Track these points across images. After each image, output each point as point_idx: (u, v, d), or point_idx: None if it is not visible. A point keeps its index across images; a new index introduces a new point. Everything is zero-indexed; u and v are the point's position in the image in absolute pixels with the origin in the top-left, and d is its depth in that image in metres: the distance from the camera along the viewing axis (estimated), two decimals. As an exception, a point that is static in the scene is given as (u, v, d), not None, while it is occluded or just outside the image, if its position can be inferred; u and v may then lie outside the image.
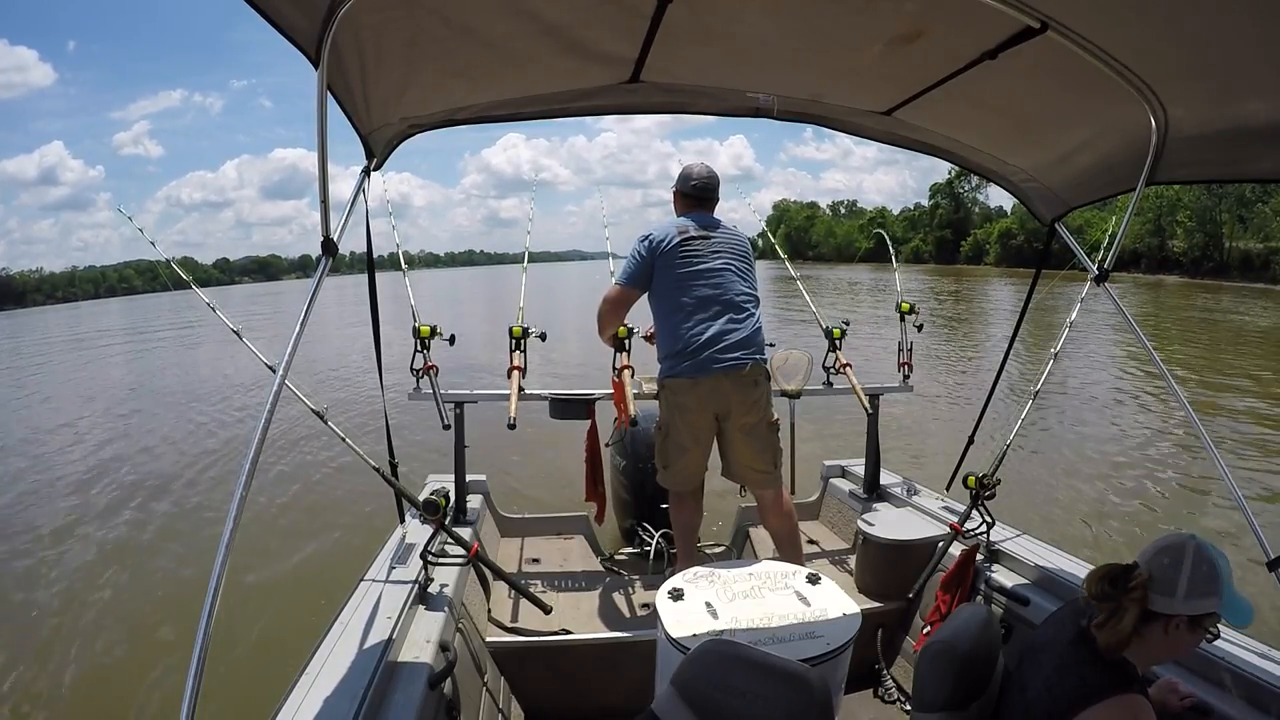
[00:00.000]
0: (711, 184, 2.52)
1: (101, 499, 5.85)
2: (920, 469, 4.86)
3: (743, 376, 2.27)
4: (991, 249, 53.80)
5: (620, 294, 2.41)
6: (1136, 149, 1.62)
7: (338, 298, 29.30)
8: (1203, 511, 4.96)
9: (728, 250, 2.39)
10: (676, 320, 2.31)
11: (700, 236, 2.37)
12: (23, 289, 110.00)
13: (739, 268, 2.39)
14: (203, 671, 0.91)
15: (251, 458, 1.07)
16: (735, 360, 2.26)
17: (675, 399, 2.32)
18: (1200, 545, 1.18)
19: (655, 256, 2.35)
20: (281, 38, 1.12)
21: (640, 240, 2.40)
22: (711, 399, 2.28)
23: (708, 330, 2.27)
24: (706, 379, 2.25)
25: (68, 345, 22.69)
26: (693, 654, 1.06)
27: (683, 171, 2.55)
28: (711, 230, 2.41)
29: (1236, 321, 17.35)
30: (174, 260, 2.61)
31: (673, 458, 2.37)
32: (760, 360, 2.33)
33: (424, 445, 5.11)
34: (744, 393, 2.29)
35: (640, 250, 2.38)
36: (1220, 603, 1.16)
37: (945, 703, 1.27)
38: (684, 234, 2.36)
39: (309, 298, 1.29)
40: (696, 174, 2.51)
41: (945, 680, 1.27)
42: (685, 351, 2.27)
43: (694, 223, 2.41)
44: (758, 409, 2.32)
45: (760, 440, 2.35)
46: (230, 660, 2.98)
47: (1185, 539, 1.19)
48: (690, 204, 2.50)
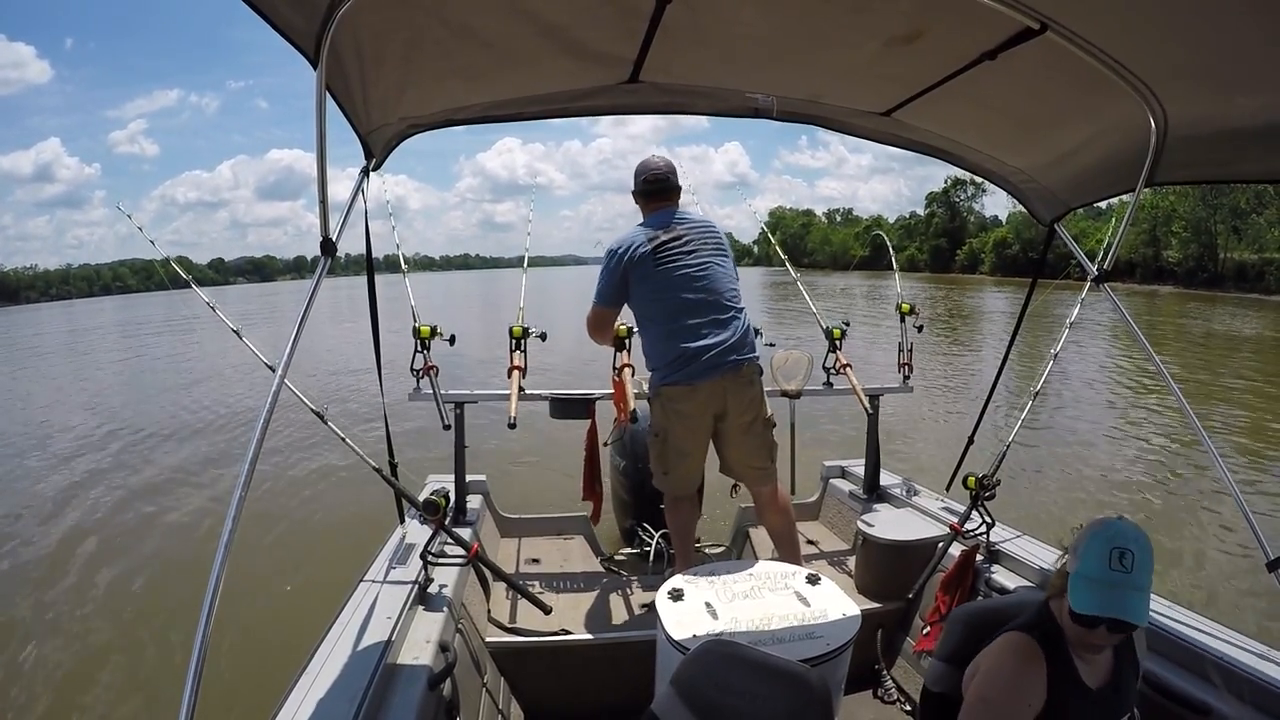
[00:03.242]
0: (667, 176, 2.38)
1: (101, 499, 5.83)
2: (919, 469, 4.87)
3: (739, 377, 2.26)
4: (986, 258, 54.18)
5: (599, 314, 2.37)
6: (1136, 149, 1.62)
7: (332, 299, 29.28)
8: (1202, 511, 4.97)
9: (704, 247, 2.30)
10: (665, 329, 2.26)
11: (673, 239, 2.27)
12: (16, 286, 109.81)
13: (719, 264, 2.31)
14: (202, 671, 0.91)
15: (251, 458, 1.07)
16: (731, 363, 2.24)
17: (673, 406, 2.29)
18: (1114, 525, 1.16)
19: (627, 269, 2.26)
20: (279, 39, 1.12)
21: (607, 255, 2.31)
22: (710, 402, 2.27)
23: (699, 336, 2.22)
24: (705, 384, 2.23)
25: (70, 340, 22.62)
26: (692, 654, 1.06)
27: (636, 170, 2.42)
28: (682, 228, 2.30)
29: (1229, 329, 17.47)
30: (172, 259, 2.61)
31: (673, 463, 2.36)
32: (753, 358, 2.31)
33: (424, 445, 5.10)
34: (741, 392, 2.28)
35: (609, 265, 2.29)
36: (1075, 564, 1.15)
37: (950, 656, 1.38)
38: (654, 240, 2.26)
39: (308, 298, 1.29)
40: (651, 168, 2.37)
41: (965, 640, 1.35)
42: (680, 359, 2.23)
43: (661, 225, 2.30)
44: (754, 407, 2.31)
45: (757, 437, 2.34)
46: (230, 660, 2.97)
47: (1112, 520, 1.18)
48: (652, 202, 2.38)
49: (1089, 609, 1.12)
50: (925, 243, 64.03)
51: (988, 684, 1.23)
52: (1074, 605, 1.14)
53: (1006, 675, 1.21)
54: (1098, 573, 1.12)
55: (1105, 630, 1.13)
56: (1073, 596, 1.14)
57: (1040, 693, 1.18)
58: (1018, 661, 1.21)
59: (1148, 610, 1.12)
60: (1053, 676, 1.19)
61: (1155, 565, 1.13)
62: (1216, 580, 3.98)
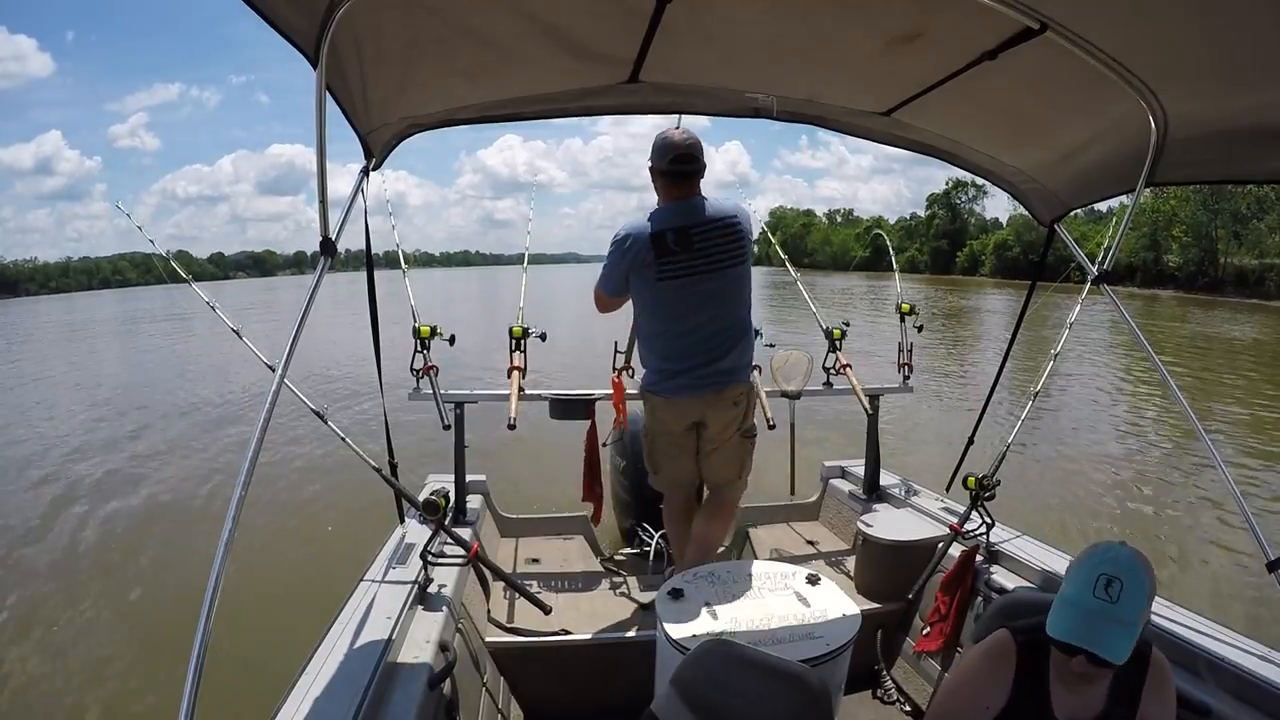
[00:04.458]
0: (695, 156, 2.10)
1: (99, 496, 5.83)
2: (919, 470, 4.87)
3: (720, 398, 2.19)
4: (987, 260, 54.25)
5: (603, 300, 2.27)
6: (1136, 149, 1.62)
7: (331, 294, 29.27)
8: (1202, 511, 4.98)
9: (719, 263, 2.10)
10: (657, 344, 2.21)
11: (681, 250, 2.07)
12: (16, 279, 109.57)
13: (730, 283, 2.13)
14: (202, 671, 0.91)
15: (251, 457, 1.07)
16: (715, 385, 2.17)
17: (654, 413, 2.28)
18: (1110, 550, 1.09)
19: (629, 269, 2.13)
20: (280, 36, 1.12)
21: (613, 243, 2.15)
22: (689, 414, 2.23)
23: (689, 361, 2.15)
24: (683, 400, 2.19)
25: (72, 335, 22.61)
26: (692, 654, 1.06)
27: (657, 142, 2.12)
28: (697, 230, 2.08)
29: (1220, 333, 17.51)
30: (170, 254, 2.61)
31: (661, 464, 2.36)
32: (744, 382, 2.24)
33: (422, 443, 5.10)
34: (721, 411, 2.21)
35: (613, 256, 2.16)
36: (1062, 588, 1.09)
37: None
38: (660, 246, 2.07)
39: (308, 296, 1.29)
40: (676, 145, 2.09)
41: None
42: (663, 371, 2.20)
43: (677, 224, 2.08)
44: (734, 425, 2.25)
45: (730, 451, 2.28)
46: (229, 660, 2.95)
47: (1112, 544, 1.11)
48: (671, 186, 2.13)
49: (1059, 634, 1.05)
50: (926, 244, 64.05)
51: (957, 676, 1.23)
52: (1048, 627, 1.07)
53: (971, 670, 1.20)
54: (1078, 597, 1.05)
55: (1085, 660, 1.04)
56: (1050, 618, 1.07)
57: (1000, 696, 1.14)
58: (986, 659, 1.19)
59: (1128, 649, 1.02)
60: (1018, 685, 1.14)
61: (1154, 568, 1.08)
62: (1216, 580, 3.98)
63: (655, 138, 2.14)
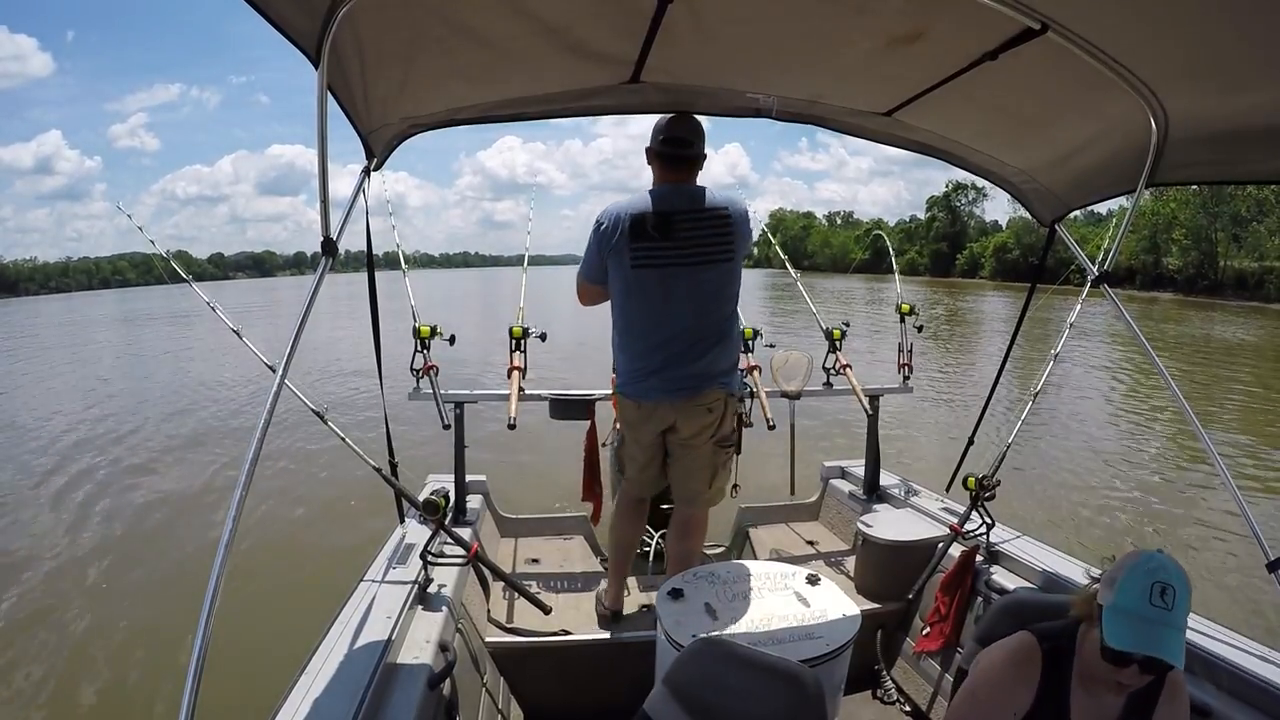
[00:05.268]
0: (691, 142, 1.97)
1: (97, 496, 5.82)
2: (919, 470, 4.87)
3: (694, 402, 2.03)
4: (986, 263, 54.30)
5: (583, 287, 2.14)
6: (1137, 150, 1.62)
7: (330, 294, 29.26)
8: (1202, 511, 4.98)
9: (701, 253, 1.95)
10: (627, 340, 2.06)
11: (661, 237, 1.93)
12: (15, 278, 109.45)
13: (713, 280, 1.98)
14: (202, 671, 0.91)
15: (251, 457, 1.06)
16: (689, 390, 2.02)
17: (624, 414, 2.16)
18: (1155, 558, 1.10)
19: (605, 252, 1.99)
20: (281, 36, 1.12)
21: (596, 223, 2.01)
22: (659, 419, 2.08)
23: (660, 362, 2.00)
24: (651, 403, 2.06)
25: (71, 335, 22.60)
26: (684, 653, 1.06)
27: (655, 124, 2.01)
28: (684, 220, 1.94)
29: (1222, 335, 17.52)
30: (170, 254, 2.61)
31: (628, 466, 2.25)
32: (723, 386, 2.06)
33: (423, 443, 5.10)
34: (695, 416, 2.05)
35: (593, 239, 2.01)
36: (1111, 596, 1.08)
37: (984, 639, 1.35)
38: (638, 230, 1.93)
39: (309, 297, 1.28)
40: (673, 128, 1.97)
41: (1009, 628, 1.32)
42: (634, 371, 2.05)
43: (657, 207, 1.94)
44: (707, 431, 2.09)
45: (701, 457, 2.12)
46: (229, 660, 2.95)
47: (1153, 553, 1.13)
48: (666, 171, 2.00)
49: (1124, 645, 1.04)
50: (925, 246, 64.12)
51: (979, 678, 1.22)
52: (1109, 640, 1.06)
53: (996, 673, 1.20)
54: (1137, 607, 1.05)
55: (1137, 669, 1.06)
56: (1108, 630, 1.06)
57: (1026, 699, 1.15)
58: (1012, 662, 1.19)
59: (1184, 653, 1.05)
60: (1042, 688, 1.15)
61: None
62: (1216, 580, 3.98)
63: (657, 119, 2.03)
